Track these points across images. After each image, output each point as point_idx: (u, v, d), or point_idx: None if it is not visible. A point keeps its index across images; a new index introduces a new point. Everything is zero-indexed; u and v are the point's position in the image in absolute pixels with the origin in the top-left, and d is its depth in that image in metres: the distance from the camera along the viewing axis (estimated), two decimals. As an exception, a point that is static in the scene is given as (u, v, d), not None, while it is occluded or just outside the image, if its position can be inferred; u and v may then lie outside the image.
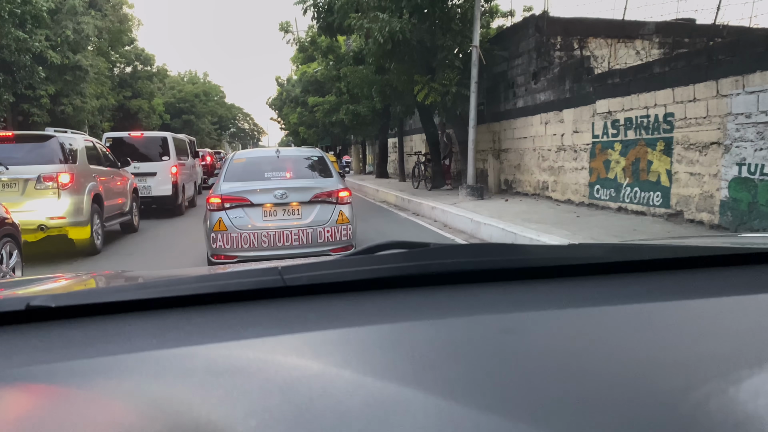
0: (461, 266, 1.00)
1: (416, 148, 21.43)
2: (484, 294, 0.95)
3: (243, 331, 0.78)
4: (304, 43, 24.72)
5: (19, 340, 0.78)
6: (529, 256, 1.10)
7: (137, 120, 37.51)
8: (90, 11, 27.36)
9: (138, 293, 0.90)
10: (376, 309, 0.87)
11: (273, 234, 6.06)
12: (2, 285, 1.58)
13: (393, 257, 1.02)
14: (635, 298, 0.91)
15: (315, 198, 6.27)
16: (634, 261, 1.07)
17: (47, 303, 0.82)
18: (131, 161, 11.44)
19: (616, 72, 9.74)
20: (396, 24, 12.16)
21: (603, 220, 8.70)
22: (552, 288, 0.97)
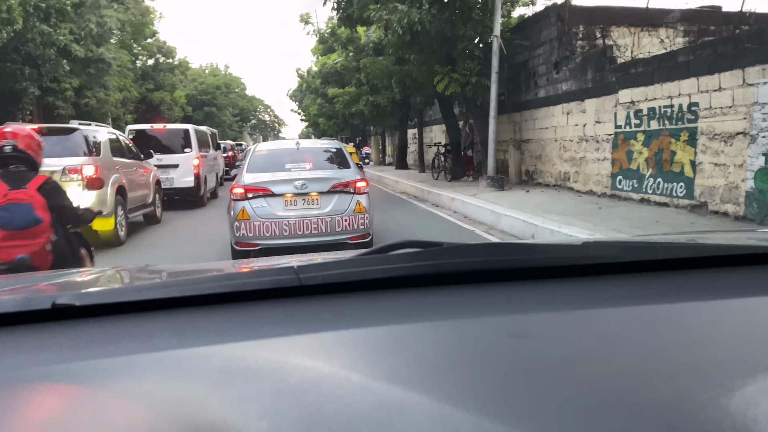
0: (474, 266, 1.00)
1: (436, 139, 21.35)
2: (496, 294, 0.95)
3: (259, 329, 0.80)
4: (324, 35, 24.78)
5: (46, 338, 0.80)
6: (542, 255, 1.10)
7: (159, 112, 37.90)
8: (113, 4, 27.64)
9: (159, 292, 0.92)
10: (388, 309, 0.89)
11: (293, 223, 6.31)
12: (30, 280, 1.62)
13: (406, 257, 1.03)
14: (649, 298, 0.90)
15: (333, 188, 6.50)
16: (649, 261, 1.06)
17: (72, 301, 0.85)
18: (154, 153, 11.59)
19: (639, 61, 9.59)
20: (415, 15, 12.09)
21: (625, 212, 8.60)
22: (564, 288, 0.97)
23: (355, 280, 0.95)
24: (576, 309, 0.86)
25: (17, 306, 0.86)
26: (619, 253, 1.12)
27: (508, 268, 1.01)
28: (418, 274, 0.97)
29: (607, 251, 1.15)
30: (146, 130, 13.84)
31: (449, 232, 9.00)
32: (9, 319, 0.84)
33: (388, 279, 0.96)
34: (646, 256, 1.09)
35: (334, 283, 0.95)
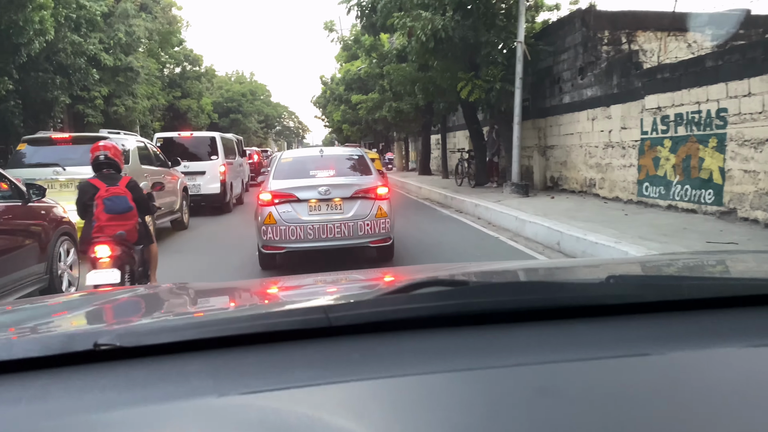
0: (500, 305, 1.03)
1: (459, 145, 21.30)
2: (522, 335, 0.96)
3: (292, 373, 0.83)
4: (348, 42, 24.90)
5: (90, 380, 0.84)
6: (567, 293, 1.11)
7: (186, 119, 38.45)
8: (141, 14, 28.18)
9: (194, 332, 0.96)
10: (416, 352, 0.90)
11: (317, 227, 6.56)
12: (63, 306, 1.66)
13: (433, 296, 1.05)
14: (676, 342, 0.89)
15: (356, 194, 6.74)
16: (675, 301, 1.05)
17: (113, 342, 0.89)
18: (181, 161, 11.79)
19: (666, 66, 9.48)
20: (439, 21, 12.11)
21: (652, 219, 8.49)
22: (589, 328, 0.98)
23: (383, 320, 0.97)
24: (603, 356, 0.86)
25: (61, 347, 0.89)
26: (643, 291, 1.11)
27: (533, 308, 1.03)
28: (444, 314, 0.99)
29: (630, 289, 1.15)
30: (173, 138, 14.21)
31: (473, 239, 8.97)
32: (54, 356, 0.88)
33: (415, 319, 0.98)
34: (671, 296, 1.08)
35: (363, 324, 0.97)
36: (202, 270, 7.62)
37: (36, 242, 5.36)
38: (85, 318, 1.47)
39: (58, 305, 1.71)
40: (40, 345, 0.91)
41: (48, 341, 0.96)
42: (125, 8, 26.01)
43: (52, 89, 21.20)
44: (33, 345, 0.92)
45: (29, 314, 1.53)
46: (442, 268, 2.53)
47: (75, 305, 1.66)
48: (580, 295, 1.09)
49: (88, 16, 21.46)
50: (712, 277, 1.42)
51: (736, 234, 7.03)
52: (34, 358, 0.86)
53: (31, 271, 5.24)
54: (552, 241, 7.88)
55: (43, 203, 5.70)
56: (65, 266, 5.96)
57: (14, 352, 0.88)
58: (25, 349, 0.89)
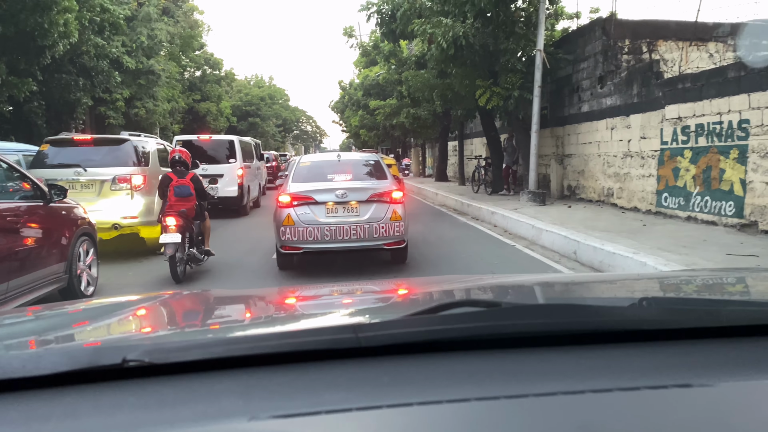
0: (534, 328, 1.01)
1: (476, 152, 21.25)
2: (555, 361, 0.94)
3: (321, 395, 0.83)
4: (367, 48, 25.01)
5: (119, 397, 0.83)
6: (600, 318, 1.08)
7: (205, 122, 38.82)
8: (163, 18, 28.58)
9: (224, 350, 0.96)
10: (446, 375, 0.89)
11: (334, 229, 6.77)
12: (86, 315, 1.66)
13: (465, 317, 1.04)
14: (720, 372, 0.86)
15: (371, 198, 6.95)
16: (713, 328, 1.03)
17: (142, 358, 0.89)
18: (199, 163, 11.90)
19: (687, 76, 9.39)
20: (459, 29, 12.12)
21: (671, 230, 8.40)
22: (622, 355, 0.96)
23: (413, 341, 0.96)
24: (644, 386, 0.83)
25: (89, 360, 0.89)
26: (677, 317, 1.08)
27: (568, 331, 1.01)
28: (476, 336, 0.98)
29: (667, 314, 1.12)
30: (193, 141, 14.33)
31: (490, 247, 8.94)
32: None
33: (446, 341, 0.97)
34: (710, 322, 1.05)
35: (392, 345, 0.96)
36: (220, 272, 7.67)
37: (56, 242, 5.43)
38: (112, 330, 1.46)
39: (80, 313, 1.71)
40: (69, 359, 0.90)
41: (76, 355, 0.96)
42: (148, 12, 26.36)
43: (75, 91, 21.53)
44: (61, 359, 0.91)
45: (52, 323, 1.53)
46: (461, 280, 2.51)
47: (99, 314, 1.66)
48: (615, 320, 1.07)
49: (112, 19, 21.76)
50: (751, 302, 1.38)
51: (757, 246, 6.92)
52: (62, 373, 0.86)
53: (51, 270, 5.31)
54: (569, 250, 7.83)
55: (64, 203, 5.78)
56: (84, 266, 6.03)
57: (42, 367, 0.87)
58: (54, 363, 0.88)
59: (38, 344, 1.22)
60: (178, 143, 13.72)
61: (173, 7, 30.95)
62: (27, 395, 0.84)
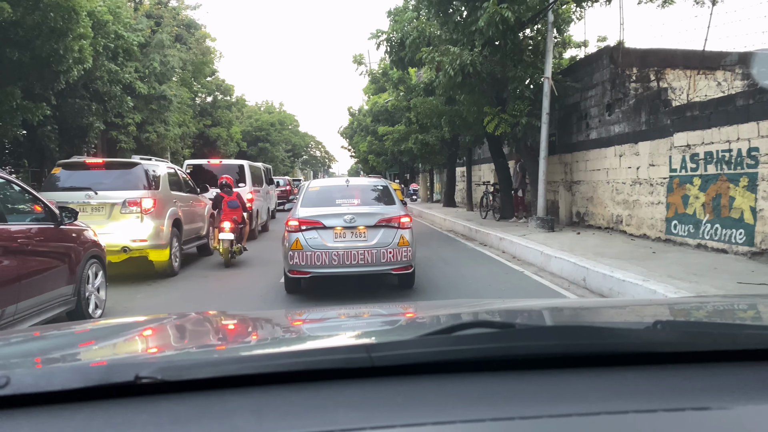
0: (548, 350, 1.00)
1: (484, 178, 21.28)
2: (572, 383, 0.93)
3: (334, 414, 0.82)
4: (376, 75, 25.29)
5: (131, 415, 0.83)
6: (616, 340, 1.07)
7: (216, 147, 39.16)
8: (176, 45, 29.04)
9: (236, 368, 0.96)
10: (460, 397, 0.88)
11: (342, 253, 6.78)
12: (93, 334, 1.65)
13: (479, 338, 1.03)
14: (737, 396, 0.85)
15: (379, 223, 6.98)
16: (729, 351, 1.02)
17: (154, 375, 0.88)
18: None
19: (695, 104, 9.40)
20: (467, 57, 12.24)
21: (681, 257, 8.34)
22: (639, 378, 0.95)
23: (427, 362, 0.95)
24: (661, 409, 0.83)
25: (101, 377, 0.89)
26: (697, 339, 1.07)
27: (583, 353, 1.00)
28: (490, 357, 0.97)
29: (683, 336, 1.11)
30: (203, 165, 14.75)
31: (498, 273, 8.90)
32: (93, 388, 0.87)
33: (460, 361, 0.96)
34: (726, 345, 1.04)
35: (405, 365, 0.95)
36: (228, 296, 7.67)
37: (66, 264, 5.46)
38: (123, 348, 1.46)
39: (89, 333, 1.70)
40: (81, 376, 0.90)
41: (88, 372, 0.95)
42: (161, 39, 26.83)
43: (87, 115, 21.83)
44: (73, 375, 0.91)
45: (61, 342, 1.53)
46: (471, 304, 2.49)
47: (108, 333, 1.65)
48: (630, 342, 1.06)
49: (126, 46, 22.15)
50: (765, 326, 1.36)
51: (769, 275, 6.86)
52: (74, 389, 0.85)
53: (60, 292, 5.33)
54: (578, 277, 7.78)
55: (74, 226, 5.82)
56: (93, 288, 6.05)
57: (55, 383, 0.87)
58: (66, 380, 0.88)
59: (50, 362, 1.21)
60: (188, 167, 14.07)
61: (186, 34, 31.48)
62: (39, 411, 0.84)
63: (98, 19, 20.04)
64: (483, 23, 11.47)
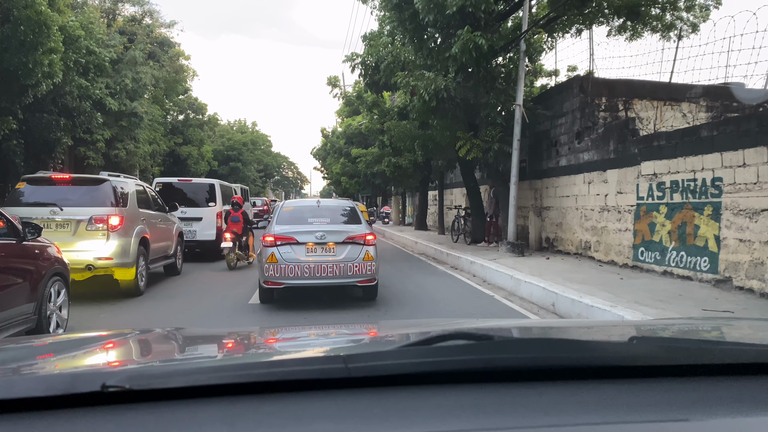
0: (526, 362, 1.00)
1: (456, 202, 21.44)
2: (551, 395, 0.93)
3: (311, 425, 0.80)
4: (351, 98, 25.42)
5: (96, 423, 0.80)
6: (593, 353, 1.08)
7: (186, 165, 38.75)
8: (149, 62, 28.80)
9: (209, 377, 0.92)
10: (439, 408, 0.87)
11: (313, 266, 7.46)
12: (55, 347, 1.59)
13: (457, 350, 1.03)
14: (715, 408, 0.86)
15: (347, 240, 7.65)
16: (704, 365, 1.03)
17: (122, 384, 0.85)
18: (179, 206, 11.84)
19: (662, 134, 9.65)
20: (441, 82, 12.40)
21: (648, 284, 8.47)
22: (617, 391, 0.95)
23: (404, 373, 0.94)
24: (640, 420, 0.83)
25: (65, 386, 0.85)
26: (671, 354, 1.08)
27: (559, 366, 1.00)
28: (468, 369, 0.96)
29: (657, 351, 1.12)
30: (173, 183, 14.39)
31: (468, 296, 8.91)
32: (57, 397, 0.83)
33: (438, 372, 0.95)
34: (703, 359, 1.05)
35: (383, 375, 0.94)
36: (195, 316, 7.51)
37: (27, 281, 5.29)
38: (87, 359, 1.40)
39: (47, 346, 1.63)
40: (44, 384, 0.86)
41: (51, 381, 0.91)
42: (134, 56, 26.59)
43: (55, 130, 21.42)
44: (36, 384, 0.87)
45: (20, 354, 1.46)
46: (448, 322, 2.49)
47: (69, 346, 1.59)
48: (608, 355, 1.07)
49: (97, 61, 21.88)
50: (740, 342, 1.42)
51: (732, 302, 7.00)
52: (37, 398, 0.82)
53: (19, 310, 5.15)
54: (547, 302, 7.83)
55: (37, 242, 5.66)
56: (54, 307, 5.87)
57: (16, 391, 0.83)
58: (28, 388, 0.84)
59: (9, 372, 1.15)
60: (158, 185, 13.79)
61: (159, 52, 31.28)
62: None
63: (70, 34, 19.78)
64: (457, 50, 11.65)
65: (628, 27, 14.11)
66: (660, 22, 13.65)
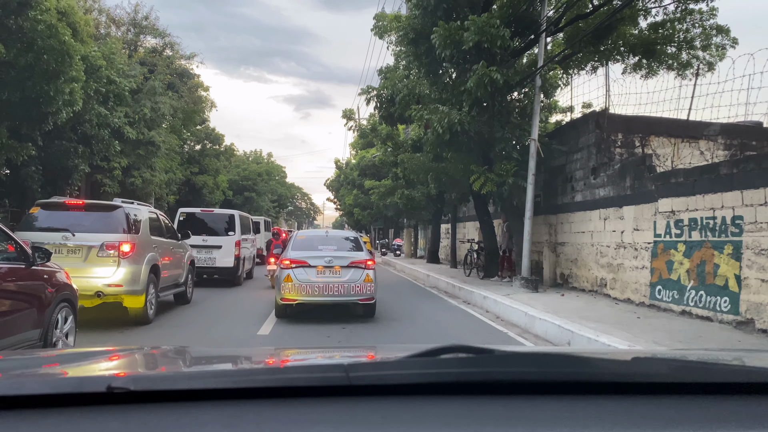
0: (526, 376, 1.00)
1: (469, 235, 21.29)
2: (547, 408, 0.93)
3: (309, 429, 0.82)
4: (365, 130, 25.57)
5: (101, 422, 0.82)
6: (594, 369, 1.08)
7: (201, 195, 39.03)
8: (168, 92, 29.25)
9: (211, 381, 0.96)
10: (437, 419, 0.87)
11: (322, 286, 8.81)
12: (62, 358, 1.64)
13: (457, 362, 1.04)
14: (715, 427, 0.86)
15: (350, 264, 8.97)
16: (704, 383, 1.04)
17: (126, 385, 0.88)
18: (201, 235, 13.30)
19: (680, 171, 9.52)
20: (455, 116, 12.40)
21: (665, 324, 8.24)
22: (616, 406, 0.95)
23: (404, 383, 0.96)
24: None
25: (72, 386, 0.89)
26: (672, 372, 1.09)
27: (561, 380, 1.01)
28: (468, 381, 0.98)
29: (658, 368, 1.13)
30: (196, 213, 15.48)
31: (481, 333, 8.72)
32: (64, 399, 0.86)
33: (437, 384, 0.97)
34: (701, 377, 1.06)
35: (383, 385, 0.96)
36: (201, 347, 7.40)
37: (34, 307, 5.23)
38: (94, 365, 1.45)
39: (54, 357, 1.68)
40: (52, 384, 0.90)
41: (59, 381, 0.96)
42: (153, 86, 27.04)
43: (73, 158, 21.70)
44: (45, 383, 0.92)
45: (27, 362, 1.50)
46: None
47: (75, 357, 1.63)
48: (608, 371, 1.08)
49: (117, 90, 22.27)
50: (745, 365, 1.41)
51: (755, 346, 6.76)
52: (45, 395, 0.85)
53: (25, 336, 5.07)
54: (563, 340, 7.63)
55: (47, 267, 5.61)
56: (61, 333, 5.79)
57: (26, 389, 0.87)
58: (37, 386, 0.88)
59: (18, 375, 1.18)
60: (181, 215, 14.90)
61: (178, 83, 31.79)
62: (6, 416, 0.83)
63: (92, 64, 20.18)
64: (472, 84, 11.67)
65: (643, 65, 14.14)
66: (676, 60, 13.66)
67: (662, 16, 13.63)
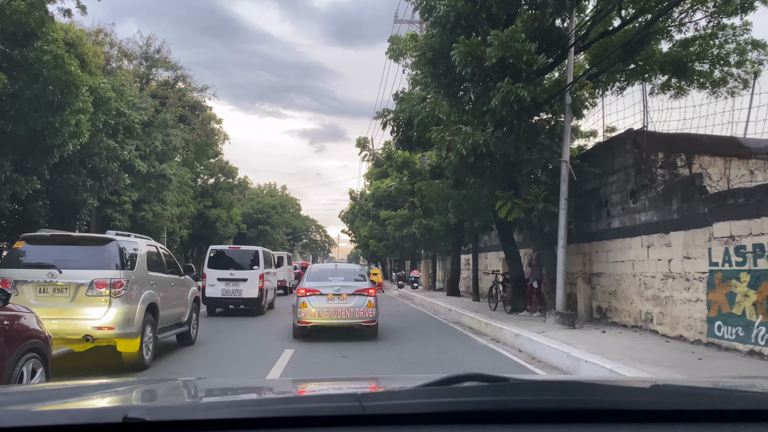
0: (543, 405, 1.00)
1: (492, 266, 20.22)
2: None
3: None
4: (380, 158, 24.82)
5: None
6: (613, 397, 1.08)
7: (215, 228, 38.42)
8: (180, 125, 28.80)
9: (226, 412, 0.99)
10: None
11: (332, 311, 10.36)
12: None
13: (472, 391, 1.06)
14: None
15: (356, 292, 10.53)
16: (726, 411, 1.03)
17: (143, 416, 0.92)
18: (228, 269, 15.66)
19: (739, 191, 8.47)
20: (479, 137, 11.52)
21: (734, 366, 7.14)
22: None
23: (418, 413, 0.97)
24: None
25: (90, 417, 0.92)
26: (692, 399, 1.10)
27: (578, 409, 1.00)
28: (484, 410, 0.98)
29: (678, 397, 1.14)
30: (224, 251, 17.27)
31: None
32: (82, 429, 0.89)
33: (453, 413, 0.98)
34: (721, 405, 1.07)
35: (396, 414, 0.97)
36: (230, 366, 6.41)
37: (-10, 360, 4.31)
38: (112, 395, 1.47)
39: (66, 389, 1.66)
40: (70, 415, 0.94)
41: (77, 412, 1.01)
42: (164, 118, 26.62)
43: (81, 191, 21.09)
44: (62, 414, 0.95)
45: (37, 396, 1.47)
46: None
47: (85, 390, 1.64)
48: (626, 399, 1.08)
49: (127, 123, 21.76)
50: (762, 391, 1.37)
51: None
52: (63, 426, 0.88)
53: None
54: (618, 387, 6.55)
55: (7, 311, 4.70)
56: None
57: (45, 419, 0.91)
58: (55, 417, 0.92)
59: (35, 407, 1.18)
60: (212, 251, 16.80)
61: (190, 115, 31.39)
62: None
63: (101, 96, 19.72)
64: (497, 102, 10.81)
65: (672, 84, 13.26)
66: (708, 78, 12.79)
67: (693, 32, 12.84)
